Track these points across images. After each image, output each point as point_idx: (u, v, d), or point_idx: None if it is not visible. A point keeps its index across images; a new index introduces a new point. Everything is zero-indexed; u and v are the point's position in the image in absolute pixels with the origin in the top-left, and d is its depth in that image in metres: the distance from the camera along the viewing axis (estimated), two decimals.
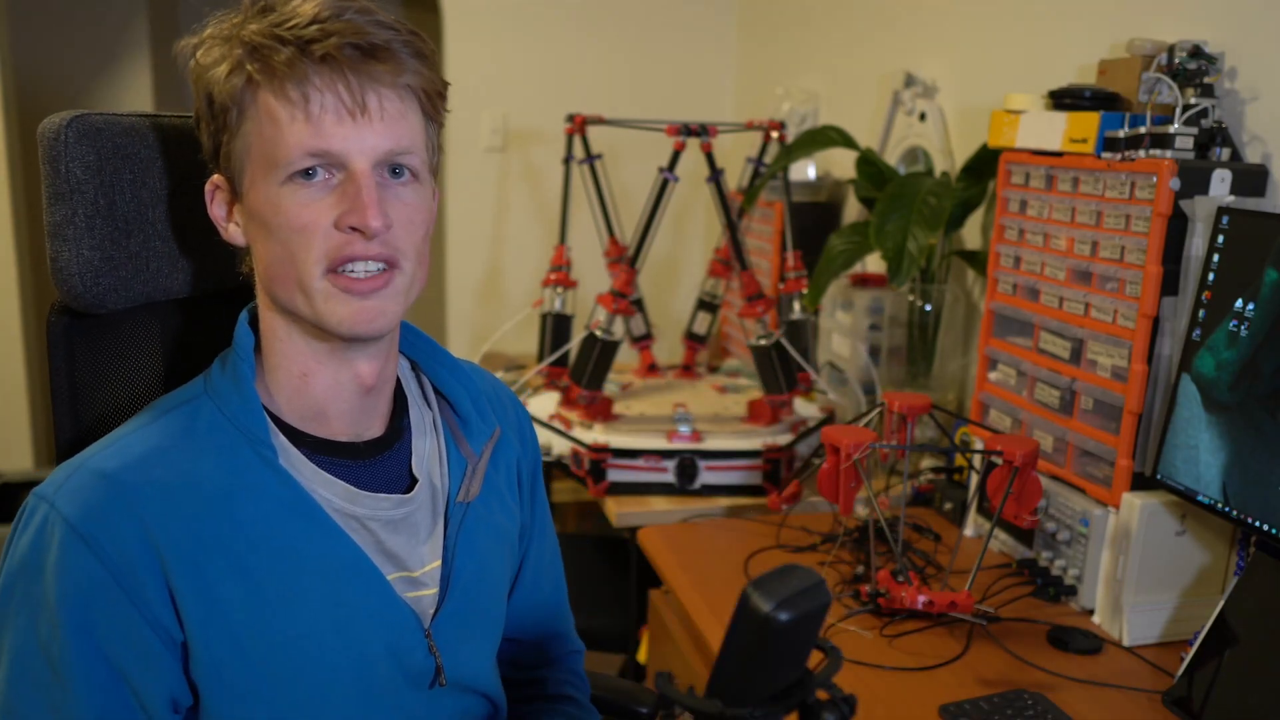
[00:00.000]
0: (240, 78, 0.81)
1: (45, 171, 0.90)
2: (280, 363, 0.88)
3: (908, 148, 2.23)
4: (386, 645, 0.89)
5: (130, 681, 0.80)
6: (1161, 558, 1.33)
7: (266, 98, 0.81)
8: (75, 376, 0.95)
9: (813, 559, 1.58)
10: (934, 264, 1.97)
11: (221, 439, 0.85)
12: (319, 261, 0.82)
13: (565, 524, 3.21)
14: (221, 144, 0.84)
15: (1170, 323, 1.34)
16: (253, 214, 0.84)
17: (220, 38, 0.83)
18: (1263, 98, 1.37)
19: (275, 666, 0.84)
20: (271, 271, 0.85)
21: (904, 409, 1.47)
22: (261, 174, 0.82)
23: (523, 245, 3.25)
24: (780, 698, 0.71)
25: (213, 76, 0.82)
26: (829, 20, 2.68)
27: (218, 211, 0.89)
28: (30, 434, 3.29)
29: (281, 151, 0.80)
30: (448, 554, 0.94)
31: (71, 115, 0.90)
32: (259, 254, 0.86)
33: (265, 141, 0.81)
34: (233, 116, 0.82)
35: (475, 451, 0.98)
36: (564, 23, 3.16)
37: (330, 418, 0.89)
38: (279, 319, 0.87)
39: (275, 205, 0.82)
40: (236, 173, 0.84)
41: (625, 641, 2.00)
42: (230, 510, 0.83)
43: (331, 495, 0.88)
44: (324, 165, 0.81)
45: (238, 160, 0.84)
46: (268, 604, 0.83)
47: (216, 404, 0.86)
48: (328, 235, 0.82)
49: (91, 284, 0.91)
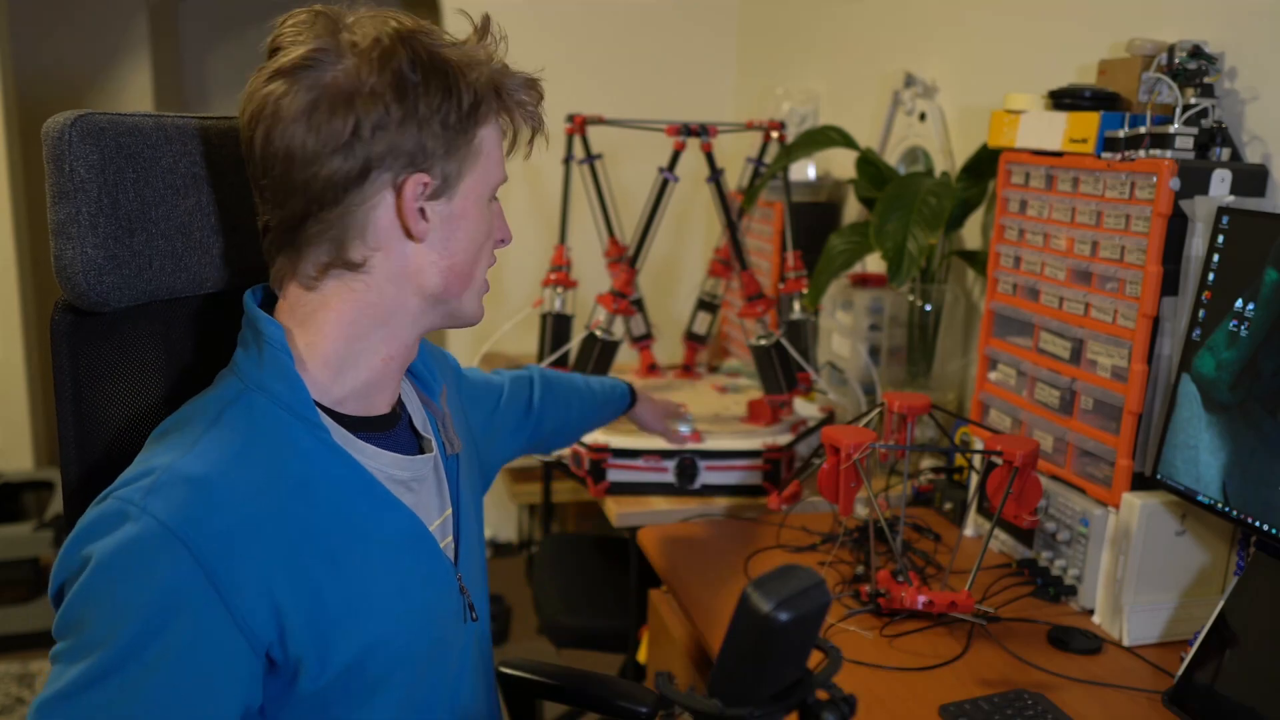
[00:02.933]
0: (496, 104, 0.92)
1: (49, 170, 0.90)
2: (371, 346, 0.93)
3: (908, 148, 2.23)
4: (437, 595, 0.97)
5: (209, 684, 0.80)
6: (1161, 558, 1.33)
7: (503, 128, 0.95)
8: (78, 375, 0.95)
9: (813, 559, 1.59)
10: (934, 264, 1.97)
11: (284, 430, 0.87)
12: (487, 265, 0.97)
13: (565, 524, 3.21)
14: (455, 151, 0.90)
15: (1170, 323, 1.34)
16: (462, 215, 0.92)
17: (478, 61, 0.92)
18: (1263, 98, 1.38)
19: (365, 638, 0.88)
20: (459, 268, 0.93)
21: (904, 409, 1.47)
22: (481, 186, 0.93)
23: (523, 245, 3.24)
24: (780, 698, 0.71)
25: (467, 81, 0.89)
26: (829, 20, 2.68)
27: (413, 207, 0.89)
28: (30, 434, 3.29)
29: (499, 176, 0.95)
30: (455, 502, 1.04)
31: (76, 115, 0.90)
32: (446, 249, 0.92)
33: (493, 163, 0.94)
34: (476, 132, 0.91)
35: (439, 406, 1.07)
36: (564, 23, 3.16)
37: (381, 396, 0.96)
38: (413, 307, 0.93)
39: (484, 216, 0.94)
40: (454, 175, 0.90)
41: (625, 641, 2.00)
42: (310, 497, 0.86)
43: (381, 465, 0.93)
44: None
45: (462, 166, 0.91)
46: (352, 580, 0.87)
47: (267, 396, 0.88)
48: (493, 246, 0.98)
49: (95, 282, 0.91)
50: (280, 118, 0.84)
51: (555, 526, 3.12)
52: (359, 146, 0.85)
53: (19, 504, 3.12)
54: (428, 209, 0.89)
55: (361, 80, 0.84)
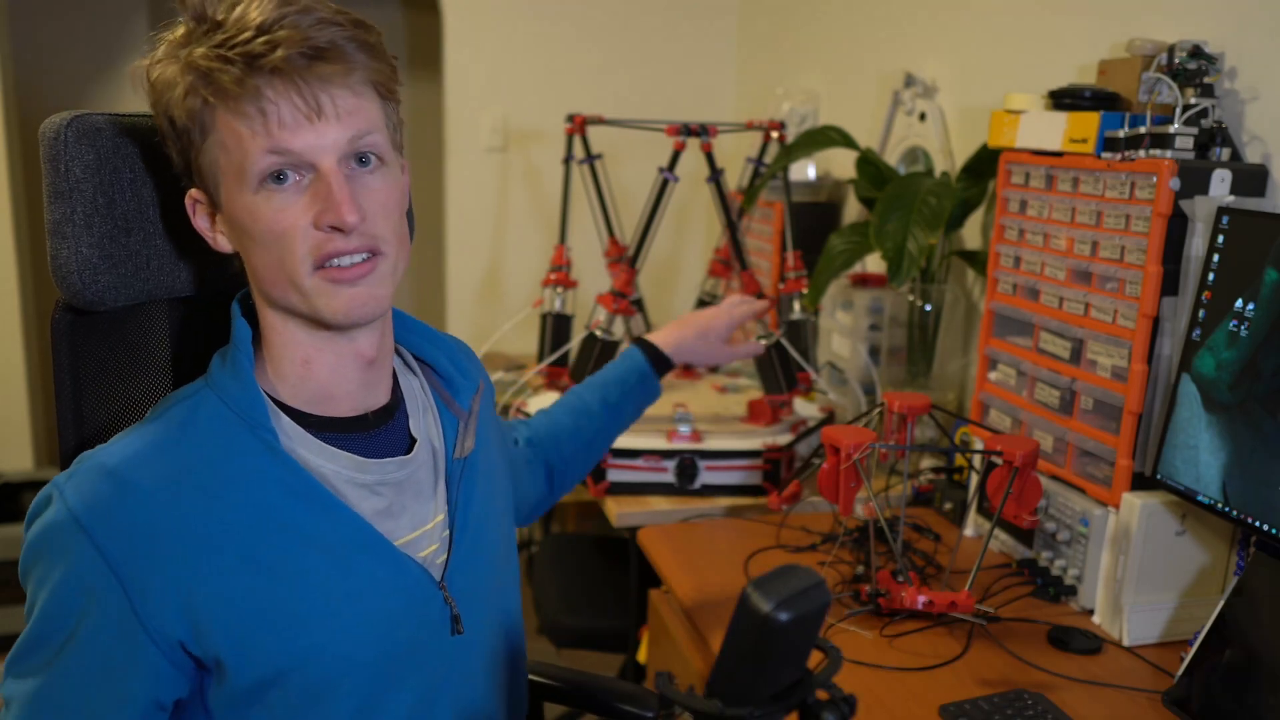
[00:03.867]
0: (196, 100, 0.83)
1: (45, 170, 0.90)
2: (282, 353, 0.91)
3: (908, 148, 2.23)
4: (402, 604, 0.92)
5: (114, 674, 0.83)
6: (1161, 558, 1.33)
7: (225, 117, 0.83)
8: (78, 374, 0.95)
9: (813, 559, 1.58)
10: (934, 264, 1.97)
11: (221, 428, 0.87)
12: (304, 260, 0.85)
13: (565, 524, 3.21)
14: (191, 160, 0.87)
15: (1170, 323, 1.34)
16: (234, 223, 0.87)
17: (170, 58, 0.85)
18: (1263, 98, 1.37)
19: (299, 642, 0.86)
20: (262, 274, 0.88)
21: (904, 409, 1.47)
22: (235, 185, 0.85)
23: (523, 245, 3.25)
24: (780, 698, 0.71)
25: (170, 99, 0.85)
26: (829, 20, 2.68)
27: (202, 223, 0.92)
28: (30, 434, 3.28)
29: (248, 161, 0.83)
30: (452, 509, 0.99)
31: (72, 115, 0.90)
32: (248, 258, 0.89)
33: (231, 156, 0.84)
34: (196, 135, 0.85)
35: (464, 407, 1.03)
36: (564, 23, 3.16)
37: (337, 398, 0.93)
38: (275, 314, 0.91)
39: (253, 213, 0.84)
40: (212, 186, 0.87)
41: (625, 641, 2.00)
42: (231, 496, 0.85)
43: (339, 468, 0.91)
44: (292, 167, 0.84)
45: (210, 174, 0.87)
46: (280, 584, 0.86)
47: (218, 394, 0.89)
48: (308, 234, 0.84)
49: (90, 281, 0.91)
50: None
51: (555, 526, 3.12)
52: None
53: (19, 504, 3.12)
54: (219, 222, 0.90)
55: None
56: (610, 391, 1.41)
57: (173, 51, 0.85)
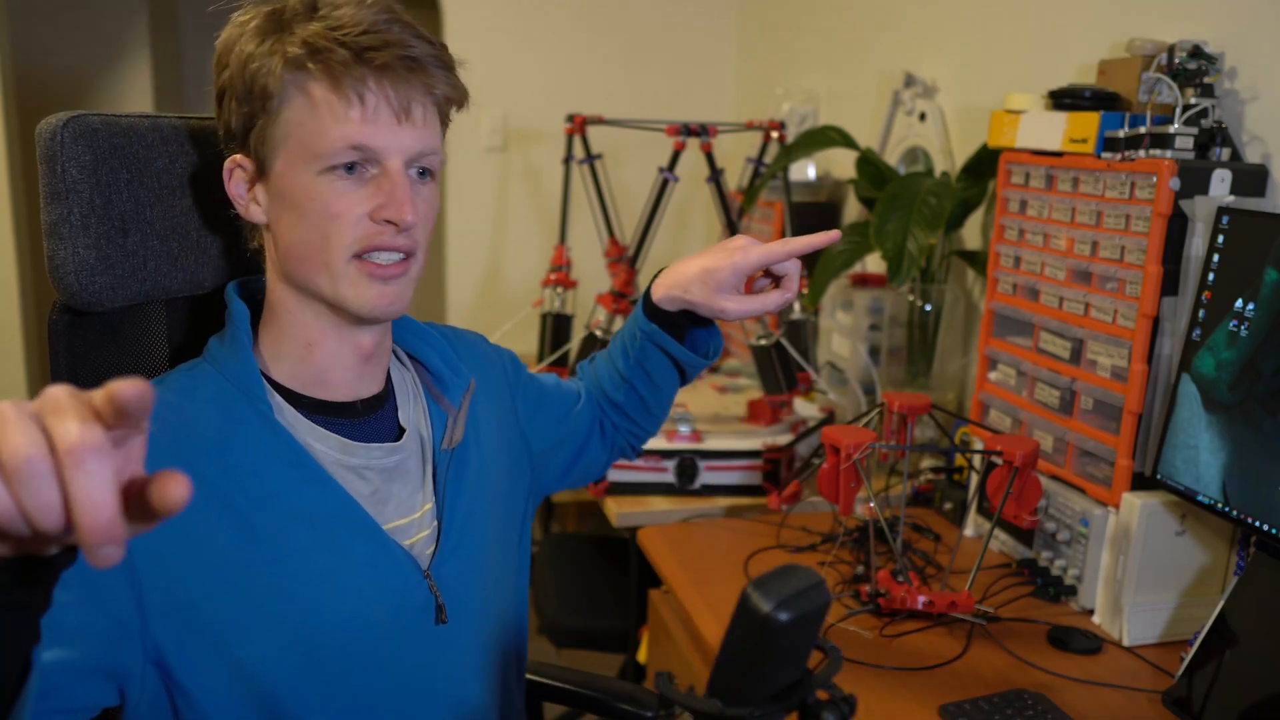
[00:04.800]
0: (294, 71, 0.86)
1: (42, 171, 0.90)
2: (286, 332, 0.94)
3: (908, 148, 2.22)
4: (382, 587, 0.93)
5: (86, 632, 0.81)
6: (1161, 558, 1.33)
7: (319, 94, 0.86)
8: (76, 374, 0.95)
9: (813, 559, 1.58)
10: (934, 264, 1.97)
11: (220, 396, 0.90)
12: (349, 247, 0.88)
13: (565, 524, 3.21)
14: (255, 126, 0.89)
15: (1170, 323, 1.34)
16: (282, 195, 0.89)
17: (267, 31, 0.88)
18: (1263, 98, 1.37)
19: (272, 609, 0.87)
20: (296, 251, 0.90)
21: (904, 409, 1.47)
22: (299, 161, 0.88)
23: (523, 245, 3.25)
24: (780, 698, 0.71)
25: (263, 66, 0.87)
26: (829, 20, 2.68)
27: (239, 190, 0.92)
28: None
29: (325, 143, 0.86)
30: (439, 498, 1.00)
31: (68, 116, 0.90)
32: (281, 232, 0.91)
33: (309, 132, 0.87)
34: (274, 103, 0.87)
35: (454, 404, 1.04)
36: (564, 23, 3.16)
37: (332, 383, 0.95)
38: (290, 293, 0.93)
39: (311, 191, 0.88)
40: (268, 154, 0.89)
41: (625, 641, 2.00)
42: (225, 457, 0.87)
43: (326, 449, 0.93)
44: (363, 160, 0.88)
45: (271, 144, 0.88)
46: (261, 549, 0.87)
47: (216, 368, 0.92)
48: (359, 224, 0.88)
49: (87, 282, 0.91)
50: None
51: (555, 526, 3.11)
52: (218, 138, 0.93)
53: None
54: (256, 192, 0.92)
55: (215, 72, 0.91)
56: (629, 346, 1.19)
57: (273, 23, 0.88)
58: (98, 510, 0.48)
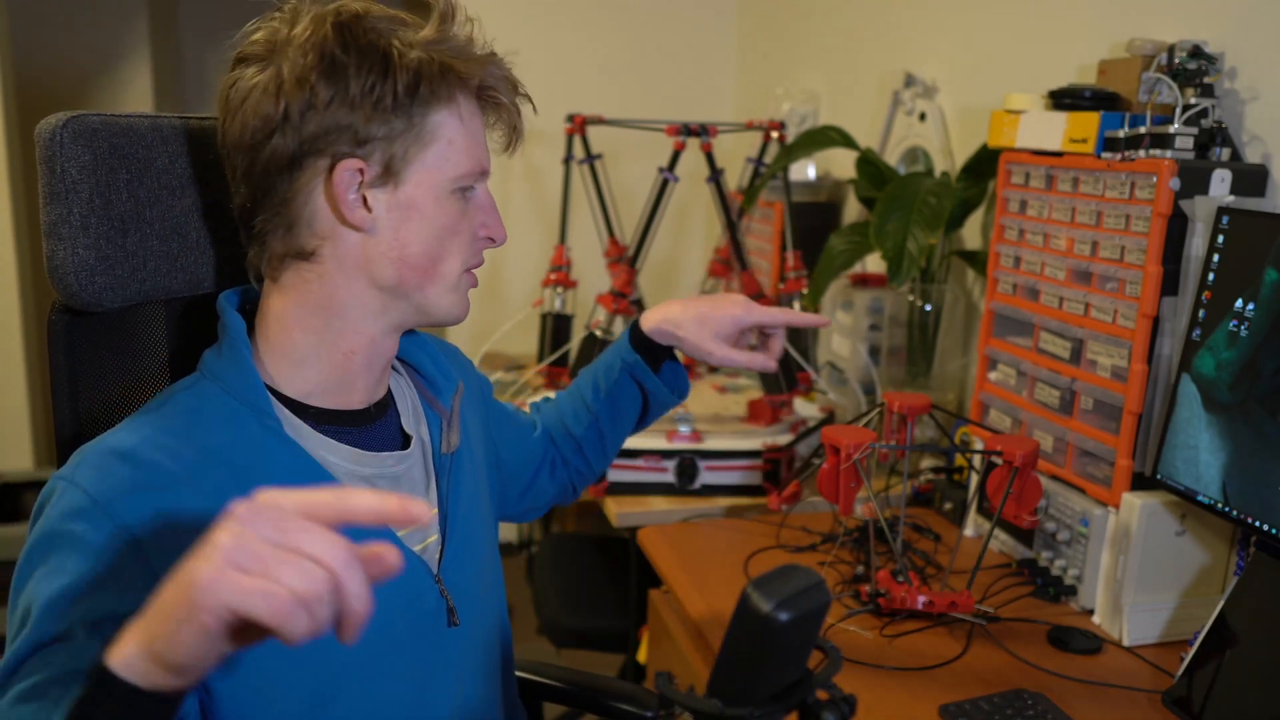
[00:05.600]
0: (462, 92, 0.90)
1: (41, 171, 0.90)
2: (333, 339, 0.92)
3: (908, 148, 2.22)
4: (400, 594, 0.93)
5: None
6: (1161, 558, 1.33)
7: (478, 119, 0.92)
8: (75, 375, 0.95)
9: (813, 559, 1.58)
10: (934, 264, 1.97)
11: (228, 414, 0.88)
12: (465, 262, 0.94)
13: (565, 524, 3.20)
14: (395, 135, 0.87)
15: (1170, 323, 1.34)
16: (412, 206, 0.89)
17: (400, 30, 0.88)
18: (1263, 98, 1.37)
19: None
20: (411, 260, 0.90)
21: (904, 409, 1.47)
22: (437, 177, 0.89)
23: (523, 245, 3.25)
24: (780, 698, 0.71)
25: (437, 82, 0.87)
26: (829, 20, 2.68)
27: (351, 193, 0.87)
28: (30, 434, 3.28)
29: (470, 165, 0.91)
30: (443, 503, 1.01)
31: (67, 116, 0.90)
32: (396, 241, 0.89)
33: (457, 151, 0.90)
34: (430, 119, 0.88)
35: (446, 406, 1.05)
36: (564, 23, 3.16)
37: (358, 389, 0.95)
38: (369, 299, 0.91)
39: (444, 206, 0.91)
40: (402, 164, 0.88)
41: (625, 641, 2.00)
42: (247, 481, 0.84)
43: (339, 460, 0.92)
44: (478, 181, 0.94)
45: (410, 155, 0.88)
46: None
47: (218, 384, 0.89)
48: (472, 241, 0.95)
49: (87, 282, 0.91)
50: (229, 108, 0.88)
51: (555, 526, 3.11)
52: (290, 131, 0.85)
53: (19, 504, 3.12)
54: (370, 197, 0.88)
55: (293, 65, 0.85)
56: (601, 379, 1.28)
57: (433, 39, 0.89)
58: (364, 606, 0.58)
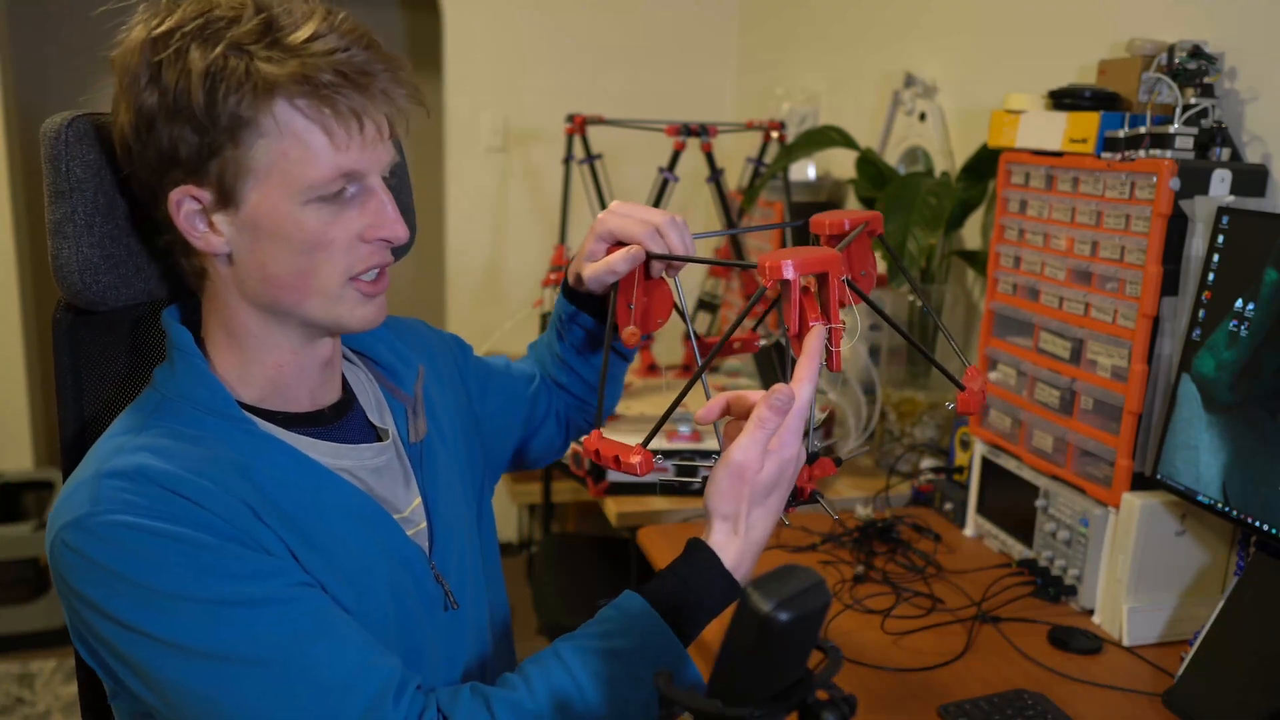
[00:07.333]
0: (278, 99, 0.80)
1: (46, 170, 0.90)
2: (252, 355, 0.90)
3: (908, 148, 2.23)
4: (404, 579, 0.93)
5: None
6: (1161, 558, 1.33)
7: (314, 123, 0.81)
8: (79, 374, 0.95)
9: (813, 559, 1.59)
10: (934, 264, 1.97)
11: (210, 429, 0.86)
12: (345, 272, 0.86)
13: (565, 524, 3.21)
14: (217, 156, 0.81)
15: (1170, 323, 1.34)
16: (258, 227, 0.83)
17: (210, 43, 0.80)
18: (1263, 98, 1.37)
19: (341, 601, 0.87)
20: (280, 280, 0.85)
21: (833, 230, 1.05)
22: (282, 192, 0.82)
23: (523, 245, 3.25)
24: (780, 698, 0.71)
25: (228, 90, 0.79)
26: (829, 20, 2.68)
27: (194, 223, 0.85)
28: (30, 434, 3.28)
29: (316, 174, 0.82)
30: (424, 491, 1.00)
31: (72, 115, 0.91)
32: (257, 263, 0.85)
33: (294, 163, 0.81)
34: (246, 133, 0.80)
35: (409, 393, 1.03)
36: (564, 23, 3.16)
37: (297, 396, 0.93)
38: (258, 318, 0.89)
39: (298, 222, 0.83)
40: (235, 185, 0.82)
41: None
42: (254, 478, 0.85)
43: (319, 455, 0.91)
44: (351, 183, 0.84)
45: (242, 174, 0.82)
46: (317, 549, 0.86)
47: (188, 404, 0.87)
48: (352, 248, 0.86)
49: (91, 281, 0.91)
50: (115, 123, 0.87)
51: (555, 526, 3.12)
52: (138, 163, 0.85)
53: (19, 504, 3.12)
54: (217, 222, 0.84)
55: (118, 92, 0.85)
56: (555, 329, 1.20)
57: (214, 35, 0.80)
58: None
